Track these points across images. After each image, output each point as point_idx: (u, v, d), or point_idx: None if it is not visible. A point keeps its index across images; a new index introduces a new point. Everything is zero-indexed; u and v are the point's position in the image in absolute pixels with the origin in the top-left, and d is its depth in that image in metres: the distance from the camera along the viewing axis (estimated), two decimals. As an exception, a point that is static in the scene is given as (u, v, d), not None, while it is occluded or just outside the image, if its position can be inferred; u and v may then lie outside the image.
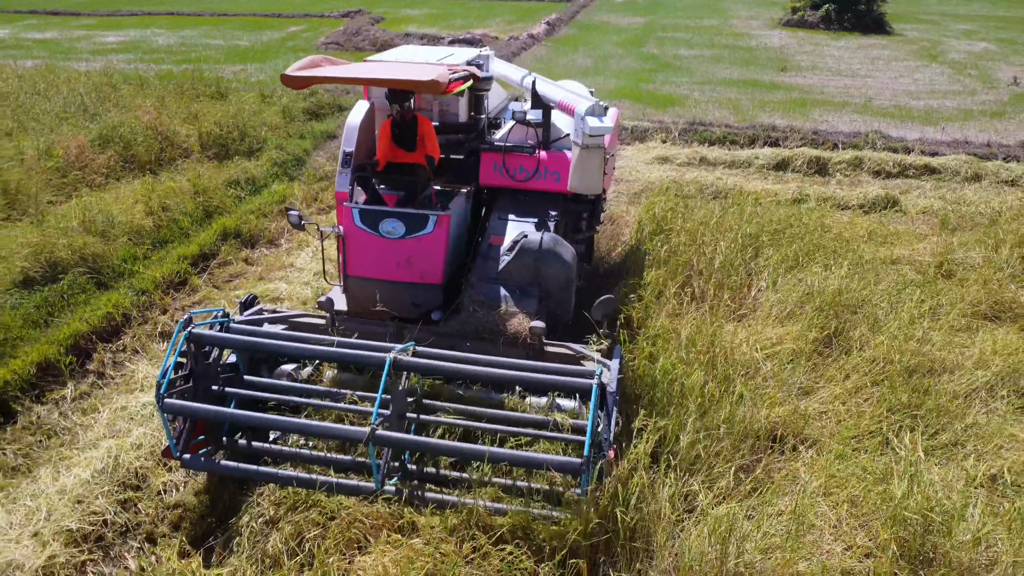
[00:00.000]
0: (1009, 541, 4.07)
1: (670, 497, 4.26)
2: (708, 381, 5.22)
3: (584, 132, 5.32)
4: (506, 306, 5.57)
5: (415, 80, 5.27)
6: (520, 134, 6.51)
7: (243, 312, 5.62)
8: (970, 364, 5.99)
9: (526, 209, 6.21)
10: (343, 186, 6.02)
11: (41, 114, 11.93)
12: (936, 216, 9.61)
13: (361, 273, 5.75)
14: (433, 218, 5.66)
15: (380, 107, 6.35)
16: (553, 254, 5.69)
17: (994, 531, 4.08)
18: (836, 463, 4.76)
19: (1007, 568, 3.95)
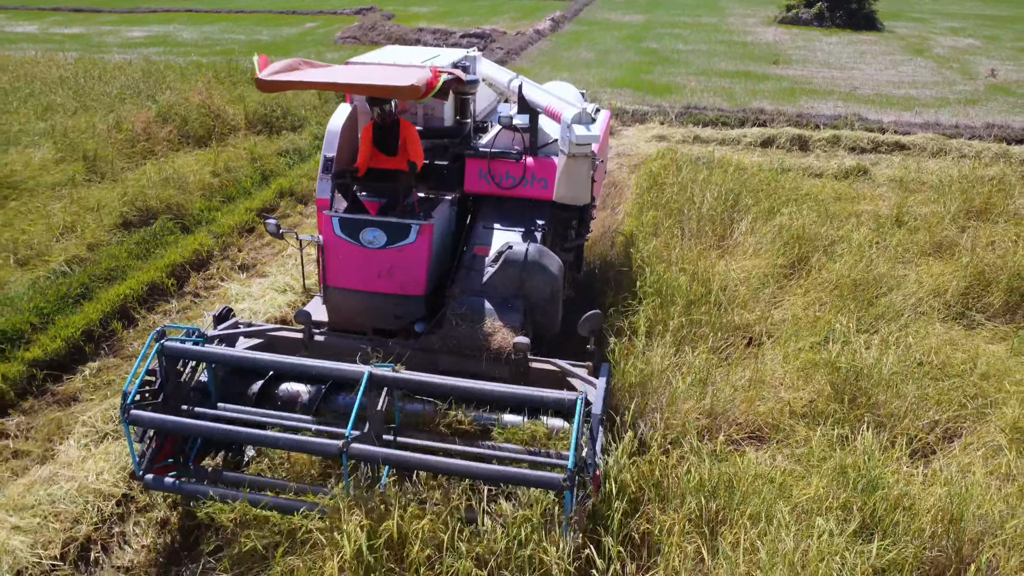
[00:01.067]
0: (914, 384, 5.54)
1: (661, 357, 5.72)
2: (693, 284, 6.69)
3: (571, 140, 5.22)
4: (490, 320, 5.43)
5: (392, 86, 5.14)
6: (506, 139, 6.33)
7: (217, 326, 5.49)
8: (909, 283, 7.46)
9: (512, 217, 6.07)
10: (324, 193, 5.85)
11: (101, 95, 13.42)
12: (900, 182, 11.09)
13: (341, 284, 5.66)
14: (415, 227, 5.53)
15: (363, 110, 6.21)
16: (539, 266, 5.54)
17: (901, 375, 5.55)
18: (791, 342, 6.23)
19: (910, 402, 5.41)
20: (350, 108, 6.16)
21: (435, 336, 5.45)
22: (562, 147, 5.44)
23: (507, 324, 5.35)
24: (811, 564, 3.68)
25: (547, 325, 5.69)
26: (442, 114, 6.38)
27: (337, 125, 5.99)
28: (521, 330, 5.36)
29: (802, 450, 4.83)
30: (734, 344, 6.39)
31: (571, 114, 5.22)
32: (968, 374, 5.84)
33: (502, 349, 5.22)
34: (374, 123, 5.84)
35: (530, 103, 6.08)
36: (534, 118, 6.16)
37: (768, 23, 31.25)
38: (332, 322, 5.81)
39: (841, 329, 6.13)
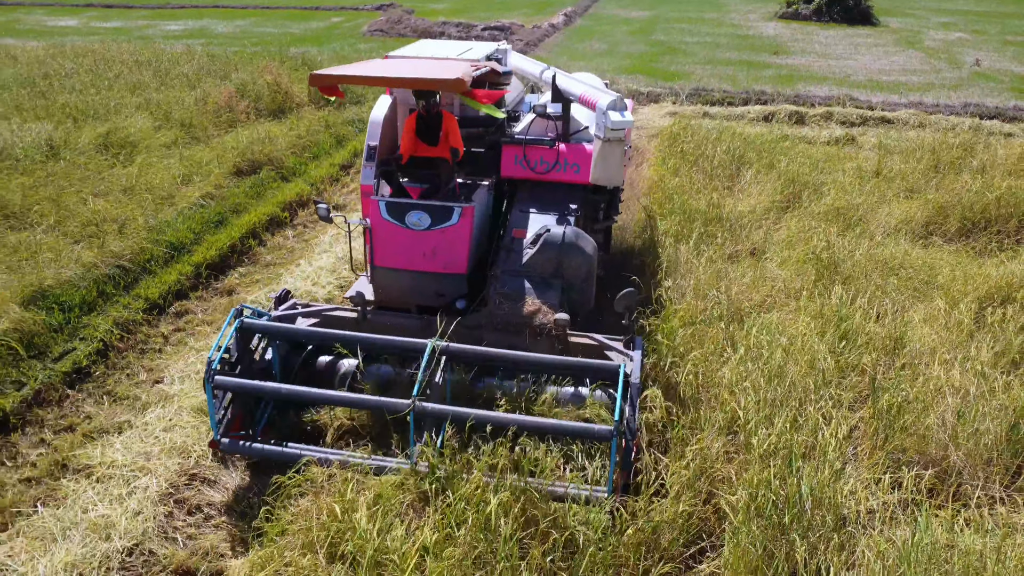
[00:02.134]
0: (877, 272, 7.46)
1: (686, 253, 7.62)
2: (709, 208, 8.61)
3: (606, 126, 5.66)
4: (531, 298, 5.81)
5: (439, 79, 5.59)
6: (540, 127, 6.81)
7: (278, 307, 5.91)
8: (882, 215, 9.38)
9: (546, 201, 6.50)
10: (368, 179, 6.30)
11: (179, 76, 15.36)
12: (882, 146, 13.02)
13: (388, 264, 6.04)
14: (458, 209, 5.93)
15: (402, 101, 6.68)
16: (575, 247, 5.91)
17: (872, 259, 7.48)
18: (786, 251, 8.13)
19: (876, 283, 7.30)
20: (390, 100, 6.63)
21: (481, 314, 5.89)
22: (597, 132, 5.91)
23: (546, 302, 5.76)
24: (796, 352, 5.59)
25: (582, 302, 6.08)
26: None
27: (379, 116, 6.43)
28: (559, 307, 5.76)
29: (792, 306, 6.74)
30: (741, 252, 8.29)
31: (606, 101, 5.72)
32: (919, 270, 7.75)
33: (544, 325, 5.62)
34: (418, 114, 6.22)
35: (564, 92, 6.57)
36: (567, 106, 6.62)
37: (768, 18, 33.23)
38: (378, 300, 6.21)
39: (825, 235, 8.04)
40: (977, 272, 7.40)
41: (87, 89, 14.16)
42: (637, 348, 5.29)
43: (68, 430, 5.83)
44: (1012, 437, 4.87)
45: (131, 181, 9.85)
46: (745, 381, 5.12)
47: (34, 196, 9.10)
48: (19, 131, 11.25)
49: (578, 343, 5.60)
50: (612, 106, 5.67)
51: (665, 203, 8.85)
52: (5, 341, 6.35)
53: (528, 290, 5.85)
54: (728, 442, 4.66)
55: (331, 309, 6.04)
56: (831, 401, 5.09)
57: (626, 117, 5.68)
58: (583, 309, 6.11)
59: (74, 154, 10.70)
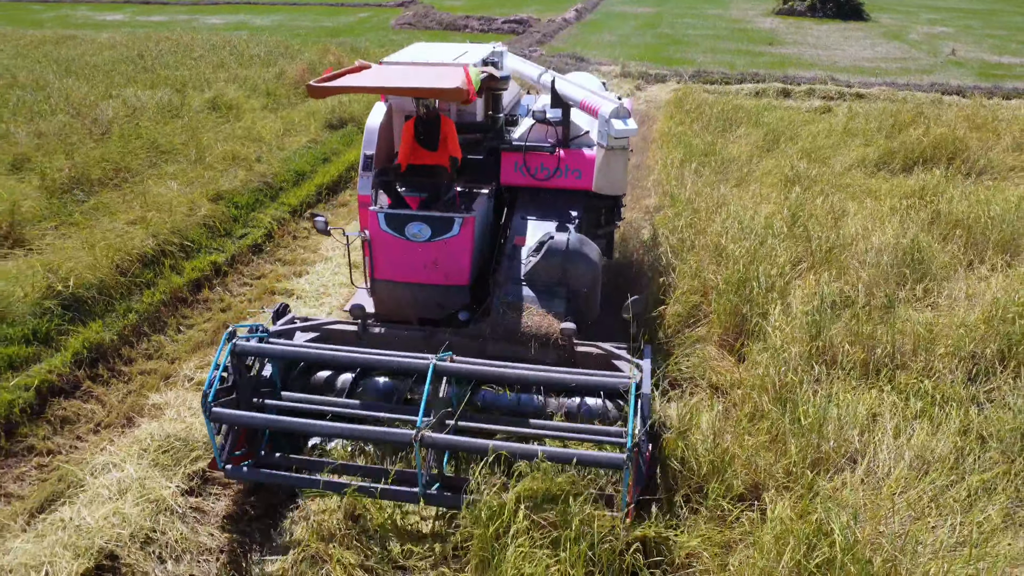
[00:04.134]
0: (834, 188, 10.28)
1: (688, 174, 10.42)
2: (706, 147, 11.45)
3: (609, 134, 5.62)
4: (535, 307, 5.81)
5: (438, 88, 5.55)
6: (540, 133, 6.74)
7: (276, 321, 5.86)
8: (842, 156, 12.20)
9: (547, 208, 6.48)
10: (365, 189, 6.29)
11: (252, 56, 18.25)
12: (851, 111, 15.88)
13: (388, 276, 6.04)
14: (459, 220, 5.91)
15: (398, 109, 6.63)
16: (580, 254, 5.88)
17: (830, 183, 10.31)
18: (766, 178, 10.95)
19: (834, 201, 10.10)
20: (386, 107, 6.60)
21: (484, 324, 5.88)
22: (600, 140, 5.95)
23: (551, 311, 5.76)
24: (762, 218, 8.41)
25: (588, 311, 6.04)
26: (474, 109, 6.88)
27: (375, 123, 6.40)
28: (565, 316, 5.75)
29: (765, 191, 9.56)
30: (729, 180, 11.13)
31: (609, 109, 5.69)
32: (862, 187, 10.57)
33: (549, 335, 5.61)
34: (416, 118, 6.19)
35: (564, 98, 6.57)
36: (566, 112, 6.61)
37: (767, 14, 36.19)
38: (379, 313, 6.25)
39: (793, 165, 10.88)
40: (902, 183, 10.23)
41: (179, 66, 17.06)
42: (646, 357, 5.24)
43: (260, 278, 8.67)
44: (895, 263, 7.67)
45: (244, 132, 12.70)
46: (727, 230, 7.94)
47: (176, 140, 11.94)
48: (142, 96, 14.10)
49: (585, 352, 5.61)
50: (615, 114, 5.69)
51: (672, 142, 11.69)
52: (207, 223, 9.19)
53: (532, 299, 5.86)
54: (714, 258, 7.47)
55: (330, 323, 6.05)
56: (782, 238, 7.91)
57: (629, 125, 5.71)
58: (589, 318, 6.07)
59: (191, 113, 13.56)
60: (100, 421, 6.18)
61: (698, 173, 10.61)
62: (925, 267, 7.82)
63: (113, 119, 12.64)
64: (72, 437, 6.00)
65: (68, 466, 5.52)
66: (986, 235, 8.55)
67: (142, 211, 9.32)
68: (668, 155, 11.12)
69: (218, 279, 8.52)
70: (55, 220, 9.30)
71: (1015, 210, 8.98)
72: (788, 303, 6.82)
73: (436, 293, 6.06)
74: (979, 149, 12.38)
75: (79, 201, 9.77)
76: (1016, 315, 6.63)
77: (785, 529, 4.21)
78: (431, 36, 26.47)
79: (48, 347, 6.81)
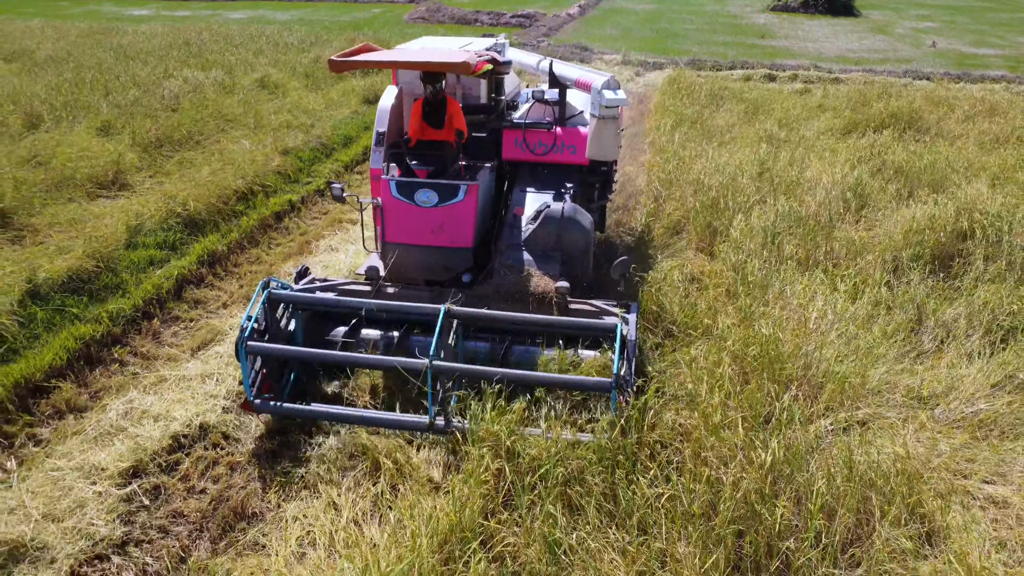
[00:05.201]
0: (803, 148, 12.37)
1: (678, 136, 12.50)
2: (695, 116, 13.54)
3: (601, 104, 6.28)
4: (533, 269, 6.43)
5: (447, 62, 6.28)
6: (538, 112, 7.51)
7: (298, 282, 6.46)
8: (813, 124, 14.29)
9: (545, 181, 7.19)
10: (377, 163, 6.97)
11: (287, 44, 20.37)
12: (827, 92, 17.97)
13: (398, 239, 6.58)
14: (463, 187, 6.45)
15: (408, 91, 7.28)
16: (574, 221, 6.56)
17: (796, 140, 12.40)
18: (744, 141, 13.02)
19: (801, 165, 12.19)
20: (396, 90, 7.28)
21: (487, 285, 6.49)
22: (592, 111, 6.64)
23: (547, 272, 6.41)
24: (736, 164, 10.48)
25: (580, 274, 6.69)
26: (478, 92, 7.68)
27: (387, 105, 7.09)
28: (560, 277, 6.38)
29: (742, 149, 11.64)
30: (714, 140, 13.21)
31: (601, 81, 6.44)
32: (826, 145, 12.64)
33: (546, 293, 6.20)
34: (424, 99, 6.82)
35: (560, 78, 7.35)
36: (563, 92, 7.37)
37: (762, 10, 38.35)
38: (389, 275, 6.72)
39: (771, 129, 12.97)
40: (858, 142, 12.32)
41: (224, 52, 19.18)
42: (632, 311, 5.97)
43: (326, 213, 10.76)
44: (844, 196, 9.73)
45: (293, 105, 14.80)
46: (705, 170, 10.02)
47: (236, 111, 14.02)
48: (198, 76, 16.20)
49: (578, 309, 6.18)
50: (606, 85, 6.43)
51: (665, 112, 13.78)
52: (279, 171, 11.29)
53: (530, 262, 6.53)
54: (697, 189, 9.54)
55: (346, 283, 6.64)
56: (750, 177, 10.00)
57: (619, 95, 6.37)
58: (582, 280, 6.72)
59: (243, 91, 15.65)
60: (224, 302, 8.25)
61: (687, 136, 12.69)
62: (865, 199, 9.91)
63: (179, 93, 14.74)
64: (205, 312, 8.06)
65: (213, 322, 7.60)
66: (920, 178, 10.62)
67: (221, 164, 11.40)
68: (661, 121, 13.23)
69: (293, 213, 10.61)
70: (150, 171, 11.39)
71: (944, 160, 11.07)
72: (750, 218, 8.90)
73: (442, 255, 6.60)
74: (933, 119, 14.46)
75: (166, 156, 11.85)
76: (926, 227, 8.71)
77: (729, 331, 6.28)
78: (445, 30, 28.58)
79: (175, 252, 8.90)
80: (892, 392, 6.30)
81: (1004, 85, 19.72)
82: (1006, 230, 8.64)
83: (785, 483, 4.75)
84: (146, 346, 7.32)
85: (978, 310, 7.44)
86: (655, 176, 10.45)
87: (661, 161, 10.91)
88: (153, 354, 7.20)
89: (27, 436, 6.03)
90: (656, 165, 10.89)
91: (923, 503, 4.79)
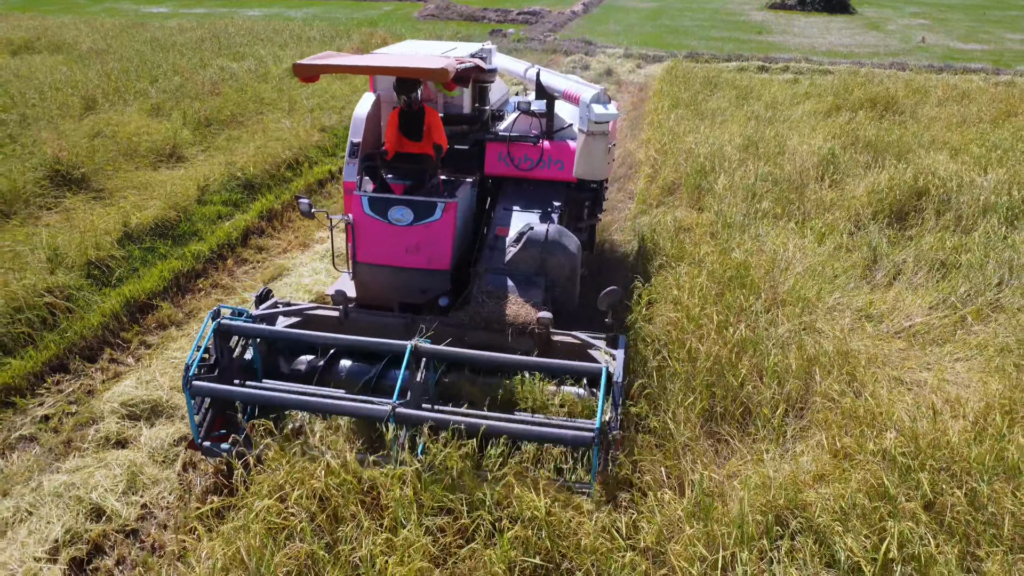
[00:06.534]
0: (786, 127, 13.87)
1: (673, 116, 13.99)
2: (691, 99, 15.04)
3: (590, 119, 5.87)
4: (514, 296, 6.00)
5: (423, 69, 5.73)
6: (524, 124, 7.05)
7: (258, 306, 6.01)
8: (798, 108, 15.77)
9: (530, 199, 6.72)
10: (350, 176, 6.47)
11: (311, 38, 21.91)
12: (813, 80, 19.46)
13: (370, 260, 6.20)
14: (441, 205, 6.08)
15: (386, 99, 6.81)
16: (559, 245, 6.14)
17: (785, 123, 13.90)
18: (734, 121, 14.51)
19: (784, 142, 13.67)
20: (374, 97, 6.83)
21: (463, 312, 6.07)
22: (581, 126, 6.11)
23: (530, 300, 5.98)
24: (725, 136, 11.98)
25: (566, 301, 6.30)
26: (461, 102, 7.16)
27: (363, 113, 6.61)
28: (543, 306, 5.96)
29: (731, 128, 13.14)
30: (707, 120, 14.70)
31: (590, 94, 5.99)
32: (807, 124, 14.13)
33: (527, 323, 5.79)
34: (400, 110, 6.41)
35: (548, 89, 6.89)
36: (550, 104, 6.92)
37: (760, 8, 39.89)
38: (360, 297, 6.34)
39: (758, 111, 14.46)
40: (835, 122, 13.82)
41: (252, 45, 20.71)
42: (620, 347, 5.47)
43: (361, 182, 12.26)
44: (817, 164, 11.21)
45: (322, 91, 16.30)
46: (696, 141, 11.51)
47: (272, 96, 15.52)
48: (232, 66, 17.72)
49: (561, 342, 5.80)
50: (596, 99, 5.97)
51: (663, 96, 15.27)
52: (319, 146, 12.80)
53: (511, 288, 6.08)
54: (689, 157, 11.03)
55: (312, 308, 6.22)
56: (736, 148, 11.49)
57: (610, 110, 5.92)
58: (567, 308, 6.35)
59: (275, 78, 17.16)
60: (283, 248, 9.77)
61: (682, 116, 14.19)
62: (836, 166, 11.38)
63: (218, 80, 16.25)
64: (269, 256, 9.57)
65: (277, 262, 9.11)
66: (887, 151, 12.10)
67: (265, 140, 12.89)
68: (659, 104, 14.73)
69: (333, 180, 12.12)
70: (202, 146, 12.90)
71: (910, 135, 12.57)
72: (733, 178, 10.39)
73: (417, 277, 6.23)
74: (909, 104, 15.93)
75: (215, 134, 13.37)
76: (887, 188, 10.19)
77: (708, 257, 7.77)
78: (456, 26, 30.11)
79: (238, 208, 10.41)
80: (844, 310, 7.77)
81: (983, 76, 21.20)
82: (955, 189, 10.14)
83: (747, 355, 6.22)
84: (224, 280, 8.83)
85: (924, 252, 8.92)
86: (652, 147, 11.93)
87: (658, 136, 12.41)
88: (231, 285, 8.71)
89: (139, 342, 7.54)
90: (653, 139, 12.39)
91: (856, 374, 6.25)
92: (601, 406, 4.81)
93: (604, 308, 5.66)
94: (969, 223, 9.69)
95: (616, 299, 5.71)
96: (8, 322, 7.07)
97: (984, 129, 13.44)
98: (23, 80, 15.86)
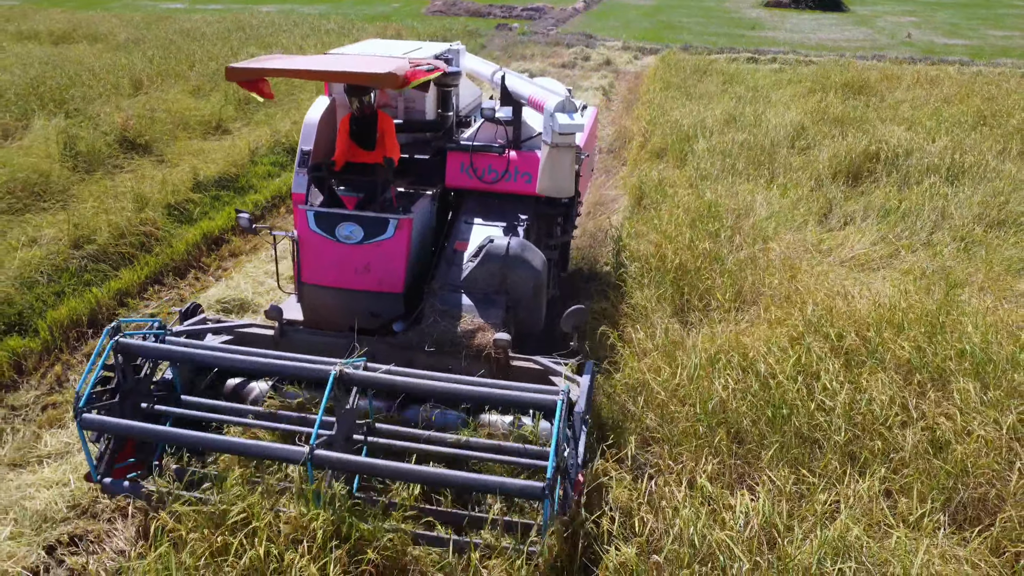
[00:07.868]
0: (765, 106, 15.64)
1: (665, 97, 15.76)
2: (682, 83, 16.82)
3: (554, 130, 5.43)
4: (470, 316, 5.61)
5: (369, 73, 5.30)
6: (489, 133, 6.57)
7: (183, 321, 5.61)
8: (780, 92, 17.53)
9: (495, 212, 6.33)
10: (299, 187, 5.98)
11: (325, 31, 23.72)
12: (795, 69, 21.23)
13: (316, 280, 5.84)
14: (393, 222, 5.70)
15: (341, 103, 6.36)
16: (521, 260, 5.74)
17: (761, 99, 15.68)
18: (723, 100, 16.27)
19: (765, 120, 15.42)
20: (328, 101, 6.32)
21: (413, 332, 5.65)
22: (545, 137, 5.68)
23: (488, 320, 5.59)
24: (711, 116, 13.75)
25: (530, 322, 5.91)
26: (423, 107, 6.65)
27: (314, 118, 6.12)
28: (503, 326, 5.57)
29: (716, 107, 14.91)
30: (695, 101, 16.45)
31: (554, 103, 5.51)
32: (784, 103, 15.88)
33: (482, 346, 5.42)
34: (351, 115, 6.04)
35: (513, 94, 6.44)
36: (517, 111, 6.47)
37: (756, 6, 41.71)
38: (307, 320, 6.00)
39: (741, 92, 16.22)
40: (809, 101, 15.58)
41: (275, 35, 22.51)
42: (586, 373, 5.00)
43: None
44: (790, 134, 12.96)
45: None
46: (681, 115, 13.28)
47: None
48: (260, 55, 19.47)
49: (521, 367, 5.42)
50: (560, 108, 5.51)
51: (656, 81, 17.05)
52: (348, 119, 14.58)
53: (468, 307, 5.70)
54: (675, 128, 12.78)
55: (245, 325, 5.92)
56: (718, 122, 13.25)
57: (576, 120, 5.47)
58: (531, 330, 6.01)
59: (301, 65, 18.93)
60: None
61: (672, 97, 15.95)
62: (805, 136, 13.14)
63: (251, 66, 18.04)
64: (313, 207, 11.31)
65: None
66: (852, 124, 13.85)
67: (300, 116, 14.62)
68: (652, 86, 16.50)
69: (362, 149, 13.87)
70: (244, 120, 14.68)
71: (873, 112, 14.34)
72: (711, 142, 12.15)
73: (367, 300, 5.85)
74: (881, 88, 17.68)
75: (254, 110, 15.12)
76: (845, 154, 11.94)
77: (683, 197, 9.53)
78: (465, 21, 31.91)
79: (285, 169, 12.16)
80: (798, 246, 9.51)
81: (957, 67, 22.95)
82: (903, 155, 11.90)
83: (710, 261, 7.95)
84: (280, 223, 10.57)
85: (873, 202, 10.66)
86: (643, 120, 13.68)
87: (649, 112, 14.18)
88: (288, 228, 10.43)
89: (217, 266, 9.30)
90: (645, 115, 14.15)
91: (798, 277, 7.97)
92: (554, 447, 4.11)
93: (568, 330, 5.40)
94: (915, 181, 11.45)
95: (581, 320, 5.48)
96: (116, 244, 8.86)
97: (939, 107, 15.18)
98: (74, 64, 17.64)
